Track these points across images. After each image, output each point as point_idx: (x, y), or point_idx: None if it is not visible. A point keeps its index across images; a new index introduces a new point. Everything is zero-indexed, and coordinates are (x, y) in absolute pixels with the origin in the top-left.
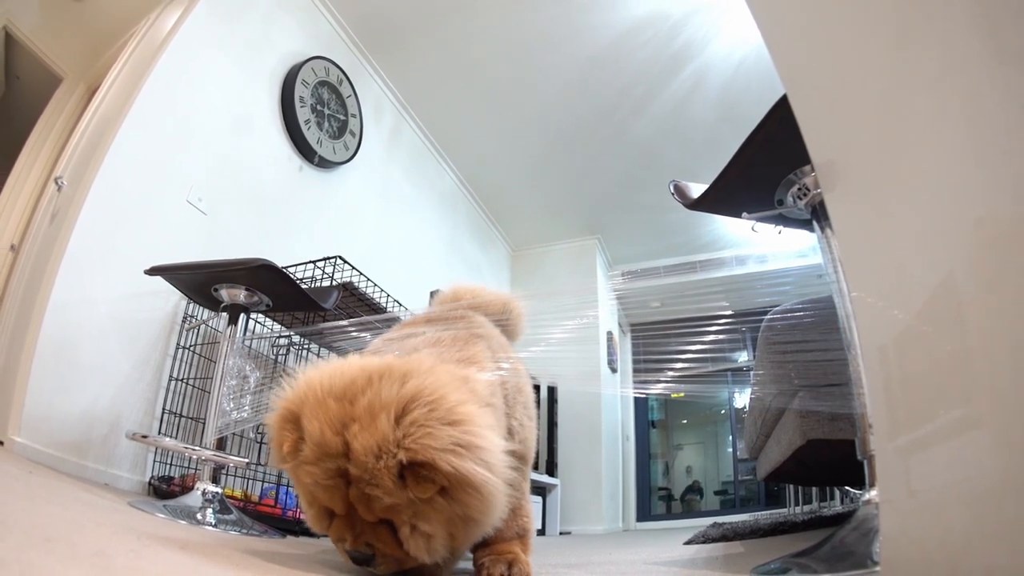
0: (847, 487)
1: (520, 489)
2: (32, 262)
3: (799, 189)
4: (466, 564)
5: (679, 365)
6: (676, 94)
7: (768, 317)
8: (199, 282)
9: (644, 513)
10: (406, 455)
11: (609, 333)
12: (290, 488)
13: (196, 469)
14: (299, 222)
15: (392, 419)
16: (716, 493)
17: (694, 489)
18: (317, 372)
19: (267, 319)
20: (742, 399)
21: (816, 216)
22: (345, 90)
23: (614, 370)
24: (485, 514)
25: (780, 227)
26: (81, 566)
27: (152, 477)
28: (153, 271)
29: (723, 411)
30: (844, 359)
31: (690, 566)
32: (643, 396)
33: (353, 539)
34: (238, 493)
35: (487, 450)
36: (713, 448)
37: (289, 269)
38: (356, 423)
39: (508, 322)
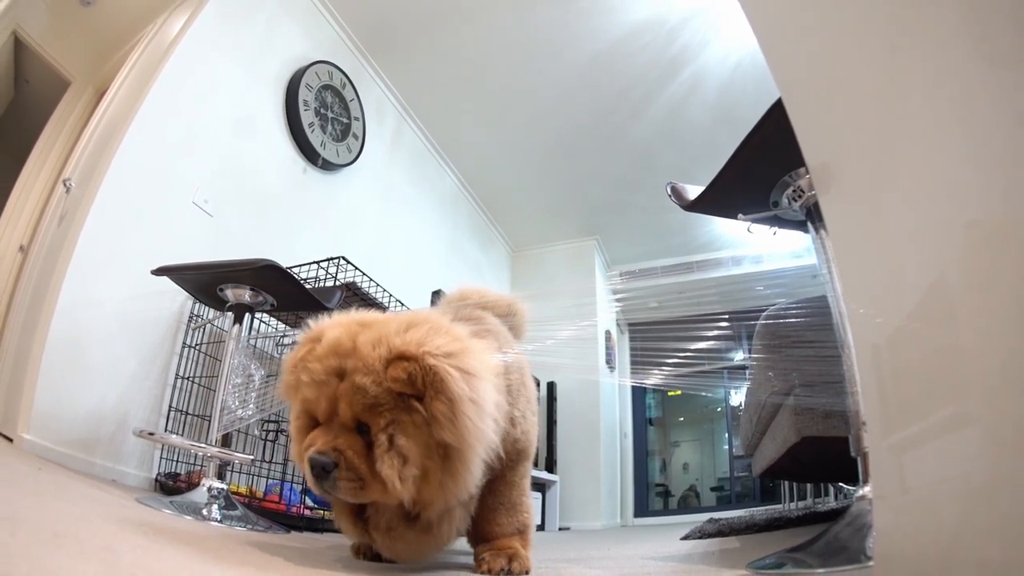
0: (841, 483)
1: (521, 485)
2: (41, 263)
3: (794, 191)
4: (467, 559)
5: (674, 361)
6: (673, 97)
7: (764, 316)
8: (205, 282)
9: (641, 509)
10: (400, 345)
11: (608, 332)
12: (294, 484)
13: (202, 466)
14: (303, 223)
15: (400, 328)
16: (712, 489)
17: (691, 491)
18: (348, 315)
19: (271, 318)
20: (738, 397)
21: (811, 217)
22: (348, 93)
23: (612, 368)
24: (454, 436)
25: (775, 228)
26: (89, 561)
27: (159, 474)
28: (160, 271)
29: (719, 409)
30: (838, 357)
31: (687, 561)
32: (641, 387)
33: (323, 442)
34: (243, 489)
35: (474, 377)
36: (709, 445)
37: (293, 269)
38: (368, 332)
39: (513, 322)
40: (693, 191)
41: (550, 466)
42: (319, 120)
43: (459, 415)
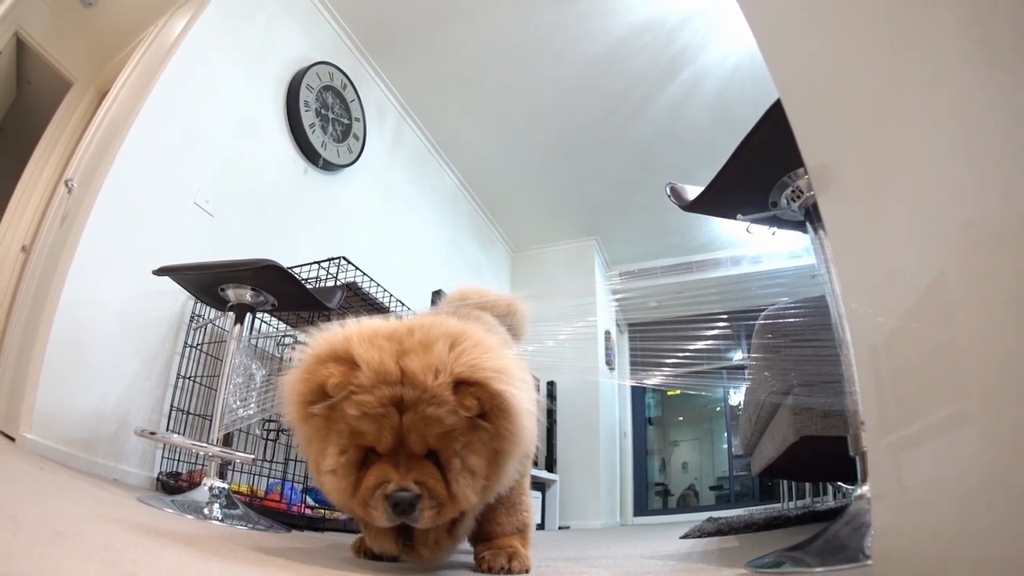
0: (840, 483)
1: (521, 484)
2: (43, 263)
3: (793, 191)
4: (467, 558)
5: (674, 361)
6: (673, 98)
7: (763, 315)
8: (206, 282)
9: (641, 508)
10: (462, 372)
11: (607, 332)
12: (295, 484)
13: (203, 465)
14: (304, 223)
15: (447, 347)
16: (711, 488)
17: (690, 490)
18: (353, 324)
19: (272, 318)
20: (737, 396)
21: (809, 218)
22: (348, 94)
23: (612, 368)
24: (514, 448)
25: (774, 228)
26: (90, 560)
27: (160, 473)
28: (161, 271)
29: (718, 408)
30: (837, 357)
31: (686, 560)
32: (640, 387)
33: (400, 476)
34: (244, 488)
35: (522, 386)
36: (709, 444)
37: (294, 269)
38: (411, 353)
39: (512, 322)
40: (692, 191)
41: (550, 465)
42: (320, 121)
43: (521, 428)
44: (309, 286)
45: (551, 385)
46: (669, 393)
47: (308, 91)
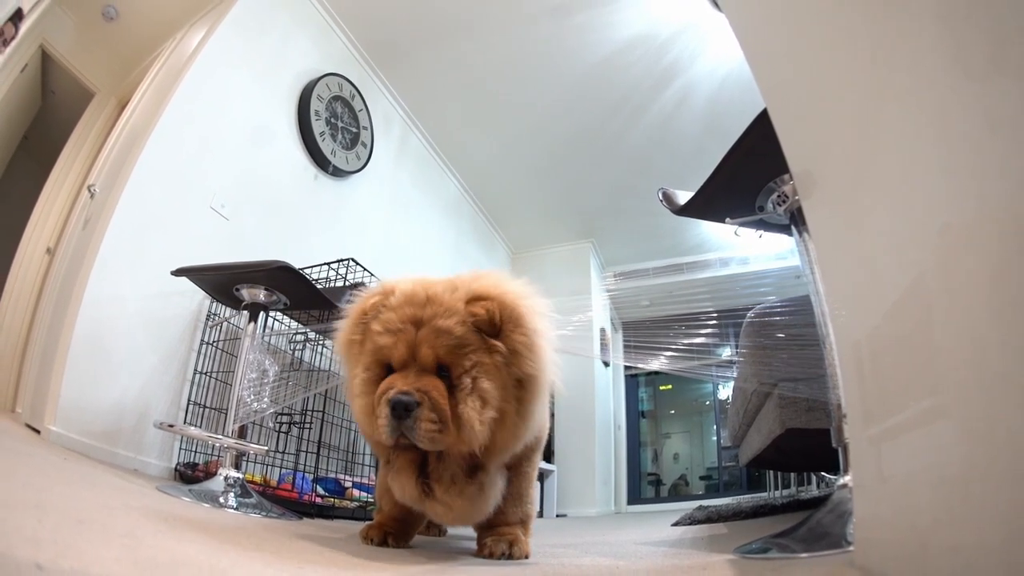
0: (823, 473)
1: (530, 476)
2: (67, 264)
3: (778, 196)
4: (469, 544)
5: (666, 354)
6: (665, 107)
7: (751, 313)
8: (222, 282)
9: (634, 497)
10: (479, 289)
11: (602, 330)
12: (306, 474)
13: (219, 456)
14: (314, 227)
15: (471, 277)
16: (701, 478)
17: (681, 479)
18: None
19: (285, 317)
20: (725, 391)
21: (794, 221)
22: (357, 104)
23: (607, 364)
24: (533, 369)
25: (761, 231)
26: (111, 546)
27: (178, 463)
28: (179, 272)
29: (708, 402)
30: (820, 354)
31: (677, 546)
32: (634, 382)
33: (405, 382)
34: (258, 478)
35: (542, 316)
36: (699, 436)
37: (305, 270)
38: (441, 283)
39: None
40: (683, 196)
41: (548, 456)
42: (329, 129)
43: (536, 345)
44: (319, 286)
45: None
46: (661, 388)
47: (319, 101)
